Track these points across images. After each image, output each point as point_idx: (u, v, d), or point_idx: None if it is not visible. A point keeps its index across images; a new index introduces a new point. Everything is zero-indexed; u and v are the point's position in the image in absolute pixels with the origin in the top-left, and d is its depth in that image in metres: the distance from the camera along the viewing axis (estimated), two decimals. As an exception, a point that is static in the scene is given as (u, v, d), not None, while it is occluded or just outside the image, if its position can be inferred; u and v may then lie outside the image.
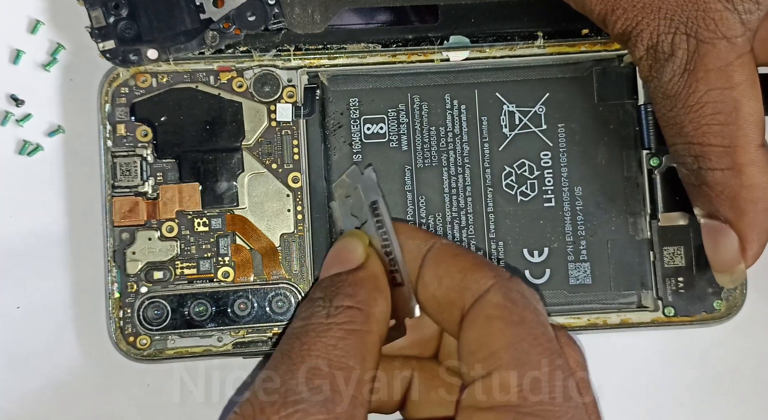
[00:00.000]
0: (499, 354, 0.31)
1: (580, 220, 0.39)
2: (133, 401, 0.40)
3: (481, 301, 0.32)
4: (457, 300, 0.33)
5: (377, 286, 0.34)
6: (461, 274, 0.33)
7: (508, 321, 0.31)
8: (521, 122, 0.39)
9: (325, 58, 0.39)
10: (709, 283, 0.39)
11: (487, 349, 0.31)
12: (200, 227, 0.38)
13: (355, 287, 0.34)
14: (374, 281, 0.34)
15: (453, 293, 0.33)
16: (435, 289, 0.33)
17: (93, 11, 0.37)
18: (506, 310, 0.31)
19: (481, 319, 0.32)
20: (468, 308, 0.32)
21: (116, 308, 0.38)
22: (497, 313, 0.31)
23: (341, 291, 0.33)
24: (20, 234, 0.39)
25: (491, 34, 0.39)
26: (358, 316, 0.32)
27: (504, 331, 0.31)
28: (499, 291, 0.32)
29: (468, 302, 0.32)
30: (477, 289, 0.32)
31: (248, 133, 0.38)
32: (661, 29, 0.33)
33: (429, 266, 0.34)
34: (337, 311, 0.33)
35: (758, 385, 0.41)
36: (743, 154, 0.32)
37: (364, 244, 0.35)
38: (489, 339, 0.31)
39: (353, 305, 0.33)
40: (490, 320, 0.31)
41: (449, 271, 0.33)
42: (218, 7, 0.38)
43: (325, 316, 0.32)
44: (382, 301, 0.34)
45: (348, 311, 0.33)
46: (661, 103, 0.34)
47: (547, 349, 0.31)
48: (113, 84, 0.38)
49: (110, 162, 0.38)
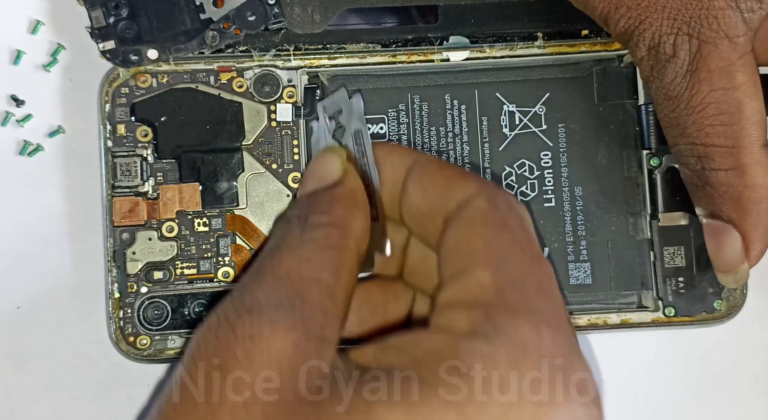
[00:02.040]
0: (477, 254, 0.30)
1: (581, 220, 0.39)
2: (133, 401, 0.40)
3: (464, 206, 0.31)
4: (441, 207, 0.32)
5: (355, 202, 0.33)
6: (446, 182, 0.32)
7: (489, 224, 0.30)
8: (521, 122, 0.39)
9: (325, 58, 0.39)
10: (710, 283, 0.39)
11: (465, 249, 0.30)
12: (200, 227, 0.38)
13: (332, 204, 0.33)
14: (352, 197, 0.33)
15: (436, 201, 0.32)
16: (419, 200, 0.33)
17: (93, 11, 0.37)
18: (489, 215, 0.31)
19: (463, 223, 0.31)
20: (451, 214, 0.31)
21: (116, 308, 0.38)
22: (480, 216, 0.31)
23: (317, 208, 0.33)
24: (20, 234, 0.39)
25: (491, 35, 0.39)
26: (333, 233, 0.32)
27: (485, 233, 0.30)
28: (483, 196, 0.31)
29: (451, 208, 0.31)
30: (461, 196, 0.32)
31: (248, 133, 0.38)
32: (663, 29, 0.33)
33: (413, 178, 0.33)
34: (311, 229, 0.32)
35: (759, 385, 0.41)
36: (747, 154, 0.32)
37: (342, 160, 0.34)
38: (469, 241, 0.30)
39: (329, 221, 0.32)
40: (472, 223, 0.31)
41: (434, 181, 0.33)
42: (218, 7, 0.38)
43: (299, 233, 0.32)
44: (360, 217, 0.33)
45: (324, 228, 0.32)
46: (663, 103, 0.34)
47: (528, 252, 0.30)
48: (113, 84, 0.38)
49: (110, 162, 0.38)
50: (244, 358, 0.28)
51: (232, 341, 0.28)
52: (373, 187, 0.34)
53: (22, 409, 0.39)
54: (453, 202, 0.32)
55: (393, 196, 0.34)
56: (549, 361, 0.27)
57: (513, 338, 0.27)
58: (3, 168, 0.39)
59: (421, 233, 0.33)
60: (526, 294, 0.29)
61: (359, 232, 0.33)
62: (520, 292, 0.29)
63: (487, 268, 0.29)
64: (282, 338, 0.28)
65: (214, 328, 0.29)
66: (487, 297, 0.29)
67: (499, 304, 0.28)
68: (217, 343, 0.28)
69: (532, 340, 0.27)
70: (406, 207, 0.33)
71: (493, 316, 0.28)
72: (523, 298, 0.29)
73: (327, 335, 0.29)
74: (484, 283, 0.29)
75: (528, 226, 0.31)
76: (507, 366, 0.27)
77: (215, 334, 0.29)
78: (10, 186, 0.39)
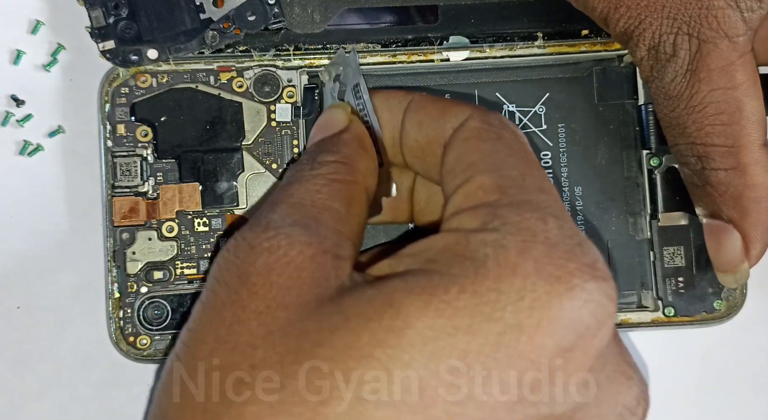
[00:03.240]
0: (476, 163, 0.30)
1: (581, 220, 0.39)
2: (133, 401, 0.40)
3: (459, 128, 0.32)
4: (438, 136, 0.33)
5: (361, 144, 0.34)
6: (439, 113, 0.33)
7: (485, 138, 0.31)
8: (521, 122, 0.39)
9: (325, 58, 0.39)
10: (710, 283, 0.39)
11: (464, 162, 0.31)
12: (200, 227, 0.38)
13: (339, 145, 0.34)
14: (358, 139, 0.34)
15: (432, 131, 0.33)
16: (416, 134, 0.34)
17: (93, 11, 0.37)
18: (483, 131, 0.32)
19: (459, 142, 0.32)
20: (448, 140, 0.32)
21: (116, 308, 0.38)
22: (474, 134, 0.32)
23: (325, 149, 0.33)
24: (20, 234, 0.39)
25: (491, 34, 0.39)
26: (342, 168, 0.33)
27: (480, 145, 0.31)
28: (476, 117, 0.32)
29: (448, 134, 0.32)
30: (456, 121, 0.32)
31: (248, 133, 0.38)
32: (663, 29, 0.33)
33: (409, 115, 0.34)
34: (320, 165, 0.33)
35: (759, 385, 0.41)
36: (747, 154, 0.32)
37: (346, 112, 0.35)
38: (466, 154, 0.31)
39: (337, 159, 0.33)
40: (467, 141, 0.32)
41: (428, 113, 0.33)
42: (218, 7, 0.38)
43: (309, 170, 0.32)
44: (367, 158, 0.34)
45: (332, 164, 0.33)
46: (663, 103, 0.34)
47: (525, 157, 0.31)
48: (113, 84, 0.38)
49: (110, 162, 0.38)
50: (264, 270, 0.29)
51: (251, 257, 0.29)
52: (375, 135, 0.35)
53: (23, 409, 0.39)
54: (449, 128, 0.32)
55: (395, 140, 0.35)
56: (559, 246, 0.28)
57: (521, 227, 0.28)
58: (3, 168, 0.39)
59: (423, 168, 0.34)
60: (528, 190, 0.29)
61: (366, 171, 0.34)
62: (522, 189, 0.29)
63: (486, 172, 0.30)
64: (299, 251, 0.29)
65: (232, 249, 0.30)
66: (491, 197, 0.29)
67: (503, 200, 0.29)
68: (237, 261, 0.29)
69: (539, 229, 0.28)
70: (407, 145, 0.34)
71: (498, 212, 0.29)
72: (526, 194, 0.29)
73: (342, 253, 0.30)
74: (485, 186, 0.30)
75: (522, 138, 0.32)
76: (517, 253, 0.27)
77: (234, 253, 0.30)
78: (10, 186, 0.39)
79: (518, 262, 0.27)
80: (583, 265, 0.27)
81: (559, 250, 0.27)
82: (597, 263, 0.28)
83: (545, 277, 0.27)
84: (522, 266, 0.27)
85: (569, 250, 0.28)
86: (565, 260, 0.27)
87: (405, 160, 0.35)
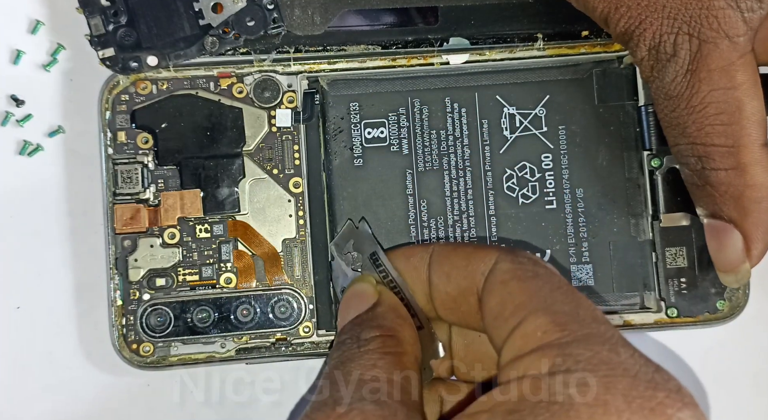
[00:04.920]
0: (524, 304, 0.30)
1: (582, 221, 0.39)
2: (133, 401, 0.40)
3: (491, 274, 0.32)
4: (470, 285, 0.32)
5: (398, 314, 0.34)
6: (465, 261, 0.33)
7: (522, 278, 0.31)
8: (522, 125, 0.39)
9: (324, 62, 0.39)
10: (712, 283, 0.39)
11: (511, 305, 0.30)
12: (202, 233, 0.38)
13: (378, 319, 0.33)
14: (394, 311, 0.34)
15: (463, 281, 0.33)
16: (446, 286, 0.33)
17: (92, 19, 0.37)
18: (518, 271, 0.31)
19: (496, 287, 0.31)
20: (482, 287, 0.32)
21: (119, 316, 0.38)
22: (510, 275, 0.31)
23: (365, 325, 0.33)
24: (20, 234, 0.39)
25: (491, 36, 0.39)
26: (389, 341, 0.32)
27: (522, 286, 0.30)
28: (505, 259, 0.32)
29: (480, 282, 0.32)
30: (484, 266, 0.32)
31: (249, 138, 0.38)
32: (663, 29, 0.33)
33: (434, 269, 0.34)
34: (367, 342, 0.32)
35: (761, 385, 0.41)
36: (747, 154, 0.32)
37: (372, 284, 0.35)
38: (510, 297, 0.30)
39: (381, 333, 0.32)
40: (506, 283, 0.31)
41: (454, 264, 0.33)
42: (217, 12, 0.38)
43: (356, 348, 0.32)
44: (407, 326, 0.33)
45: (378, 339, 0.32)
46: (663, 103, 0.34)
47: (568, 290, 0.30)
48: (113, 91, 0.38)
49: (111, 169, 0.38)
50: None
51: None
52: (407, 299, 0.35)
53: (22, 409, 0.39)
54: (479, 275, 0.32)
55: (426, 297, 0.34)
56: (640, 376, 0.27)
57: (596, 362, 0.27)
58: (3, 168, 0.39)
59: (458, 318, 0.34)
60: (587, 323, 0.28)
61: (411, 340, 0.33)
62: (581, 323, 0.28)
63: (538, 312, 0.29)
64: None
65: None
66: (552, 336, 0.28)
67: (567, 338, 0.28)
68: None
69: (615, 361, 0.27)
70: (438, 298, 0.34)
71: (567, 351, 0.27)
72: (586, 327, 0.28)
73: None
74: (543, 326, 0.28)
75: (556, 272, 0.32)
76: (603, 389, 0.26)
77: None
78: (10, 186, 0.39)
79: (607, 399, 0.26)
80: (671, 392, 0.26)
81: (642, 380, 0.27)
82: (682, 389, 0.27)
83: (638, 411, 0.26)
84: (612, 403, 0.26)
85: (651, 379, 0.27)
86: (653, 390, 0.26)
87: (437, 313, 0.34)
